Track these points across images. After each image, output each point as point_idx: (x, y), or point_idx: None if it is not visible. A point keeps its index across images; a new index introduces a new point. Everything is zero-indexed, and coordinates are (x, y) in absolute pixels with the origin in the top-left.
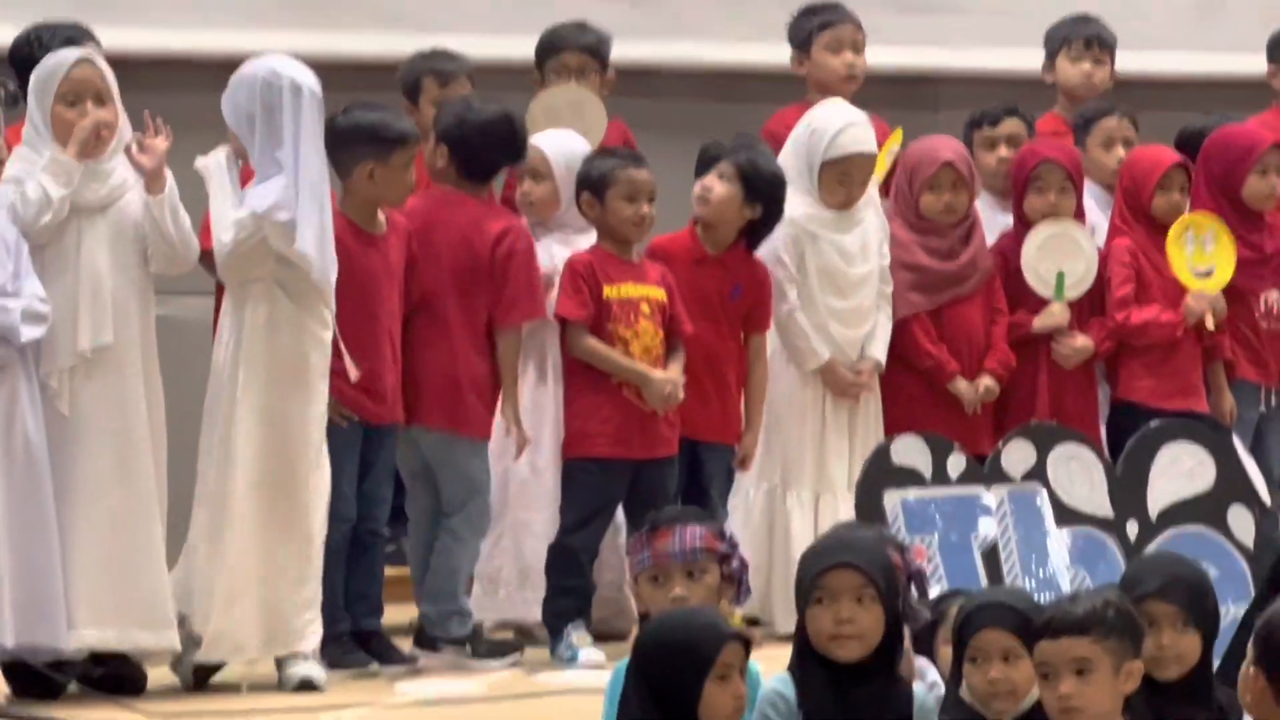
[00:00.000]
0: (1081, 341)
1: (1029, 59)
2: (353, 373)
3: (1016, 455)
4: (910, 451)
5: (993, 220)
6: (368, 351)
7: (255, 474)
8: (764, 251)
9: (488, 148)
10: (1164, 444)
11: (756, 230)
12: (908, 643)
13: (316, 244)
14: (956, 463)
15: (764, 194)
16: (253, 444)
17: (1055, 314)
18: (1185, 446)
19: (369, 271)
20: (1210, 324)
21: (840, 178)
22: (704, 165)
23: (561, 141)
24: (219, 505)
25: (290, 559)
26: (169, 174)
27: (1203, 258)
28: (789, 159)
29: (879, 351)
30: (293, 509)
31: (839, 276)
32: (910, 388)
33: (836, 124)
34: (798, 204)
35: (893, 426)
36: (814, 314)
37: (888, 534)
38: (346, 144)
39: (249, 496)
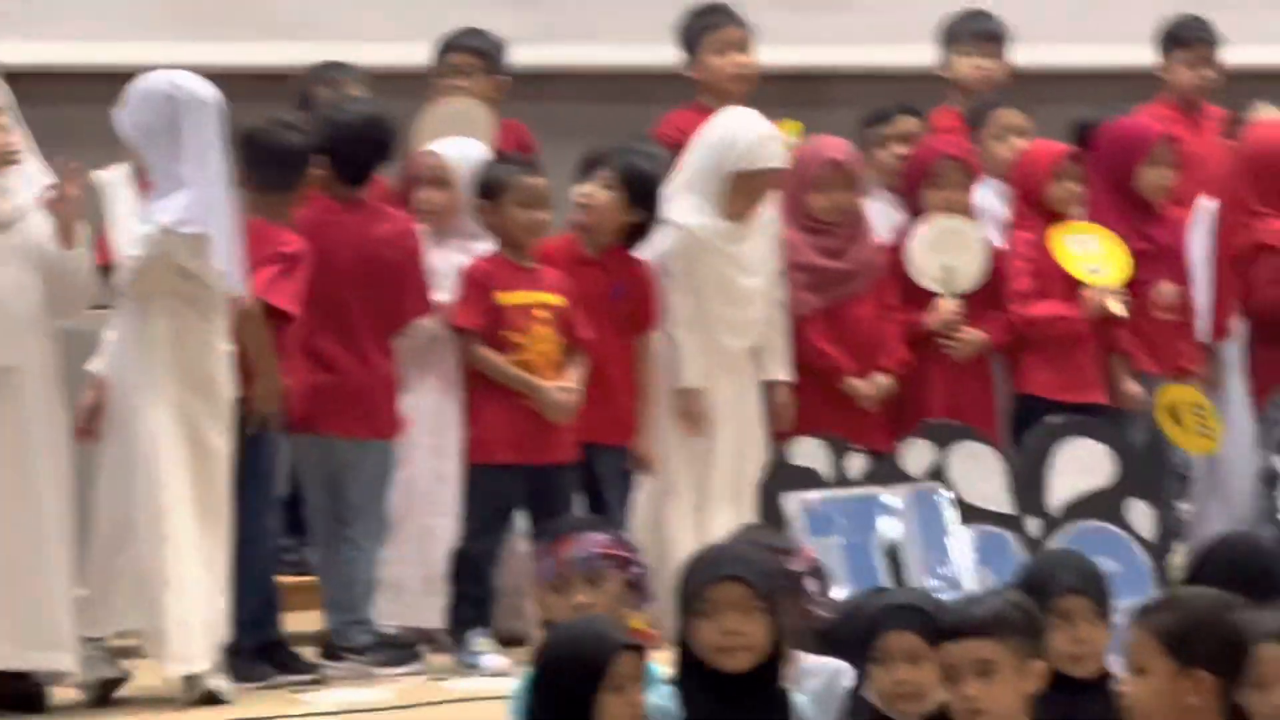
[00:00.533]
0: (973, 335)
1: (921, 54)
2: None
3: (916, 454)
4: (809, 453)
5: (889, 218)
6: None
7: (179, 489)
8: (652, 258)
9: (360, 149)
10: (1062, 440)
11: (636, 232)
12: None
13: (227, 257)
14: (856, 463)
15: (644, 198)
16: (173, 459)
17: (946, 309)
18: (1083, 442)
19: None
20: (1117, 310)
21: (750, 191)
22: (586, 169)
23: (462, 149)
24: (150, 522)
25: (213, 570)
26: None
27: (1090, 258)
28: (694, 164)
29: (781, 371)
30: (215, 522)
31: (731, 287)
32: (805, 387)
33: (752, 136)
34: (691, 211)
35: (802, 419)
36: (704, 325)
37: (774, 539)
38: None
39: (177, 510)
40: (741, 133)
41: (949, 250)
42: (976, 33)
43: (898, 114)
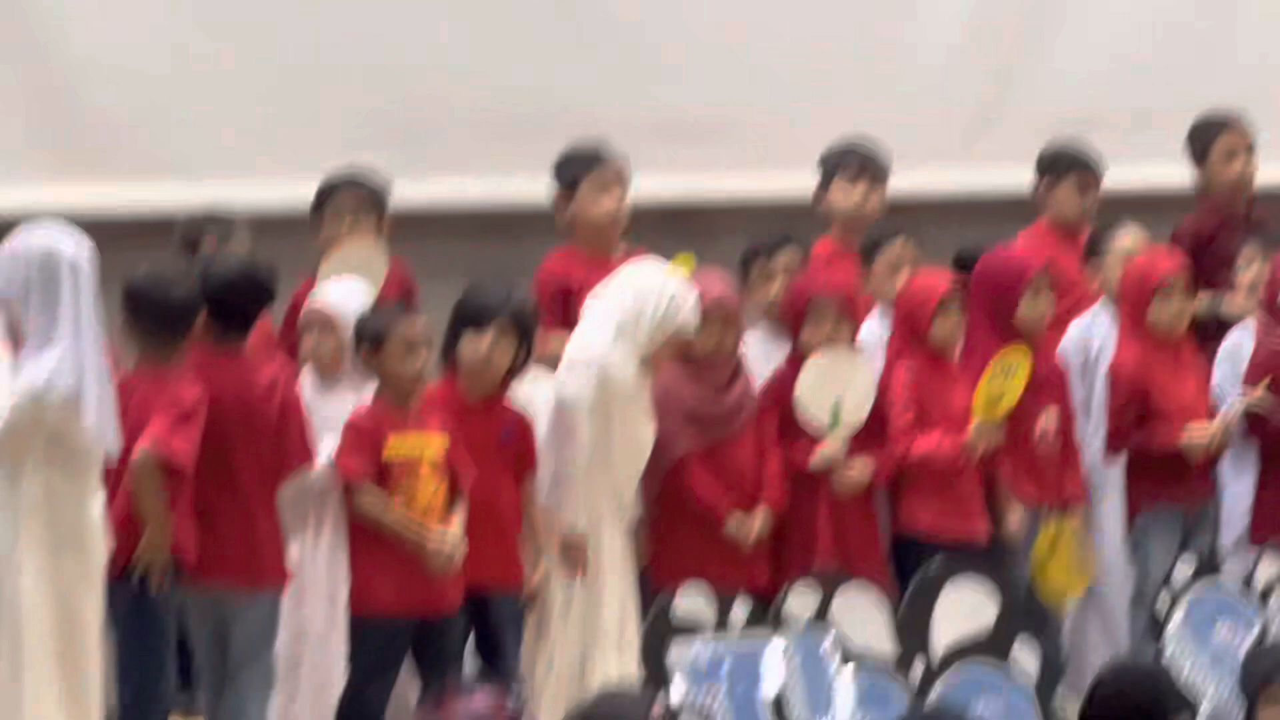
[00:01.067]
0: (859, 470)
1: (803, 184)
2: None
3: (801, 600)
4: (693, 602)
5: (772, 352)
6: None
7: (48, 649)
8: (566, 394)
9: (237, 299)
10: (947, 581)
11: (511, 373)
12: None
13: (98, 416)
14: (740, 611)
15: (528, 342)
16: (43, 621)
17: (832, 446)
18: (968, 583)
19: None
20: (979, 450)
21: (676, 350)
22: (470, 318)
23: (347, 294)
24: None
25: None
26: None
27: (1001, 386)
28: (621, 311)
29: None
30: (84, 685)
31: (637, 435)
32: (686, 527)
33: (692, 300)
34: (616, 357)
35: (670, 566)
36: (606, 469)
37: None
38: None
39: (43, 672)
40: (685, 296)
41: (833, 386)
42: (857, 163)
43: (780, 246)
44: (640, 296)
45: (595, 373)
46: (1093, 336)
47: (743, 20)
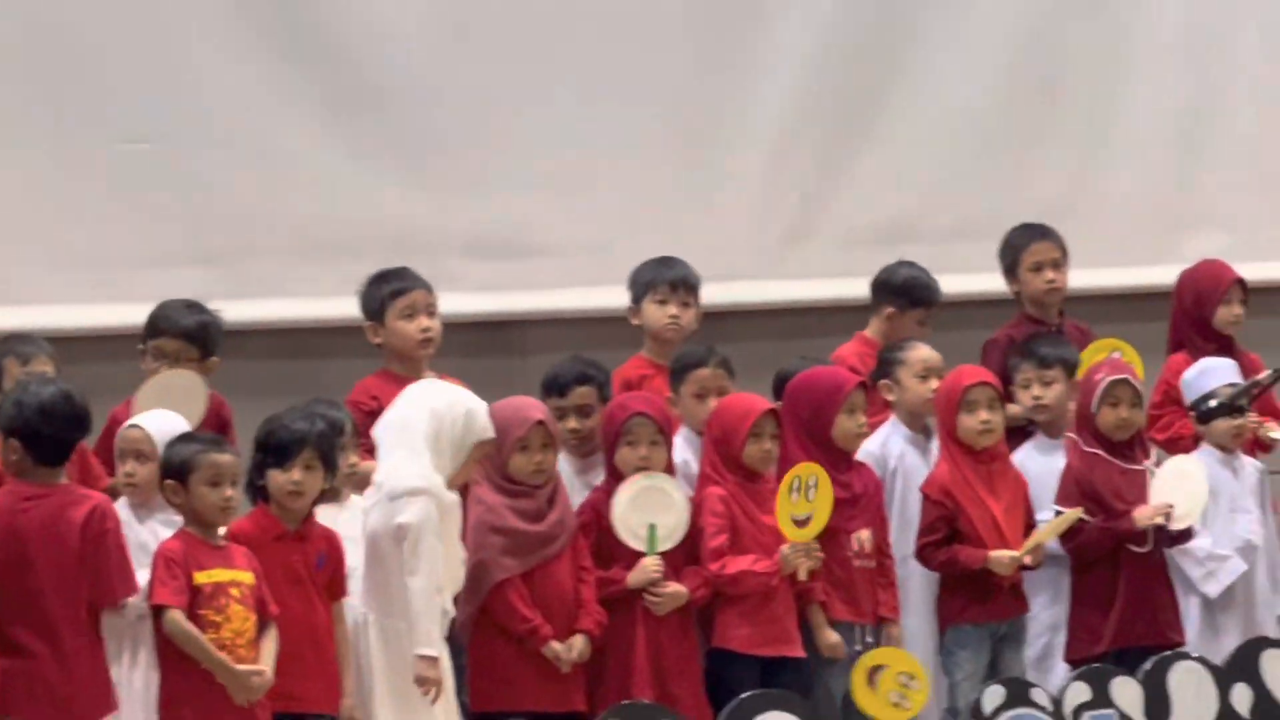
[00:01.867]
0: (673, 589)
1: (616, 298)
2: None
3: None
4: None
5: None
6: None
7: None
8: (411, 521)
9: (53, 429)
10: (757, 715)
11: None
12: None
13: None
14: None
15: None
16: None
17: (649, 567)
18: (779, 717)
19: None
20: (803, 575)
21: (477, 459)
22: (276, 452)
23: (163, 422)
24: None
25: None
26: None
27: (804, 505)
28: (419, 433)
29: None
30: None
31: (454, 554)
32: (503, 651)
33: (480, 405)
34: (433, 475)
35: (488, 691)
36: (438, 590)
37: None
38: None
39: None
40: (473, 402)
41: (651, 508)
42: (669, 281)
43: (573, 385)
44: (436, 415)
45: (422, 498)
46: (889, 452)
47: (554, 137)
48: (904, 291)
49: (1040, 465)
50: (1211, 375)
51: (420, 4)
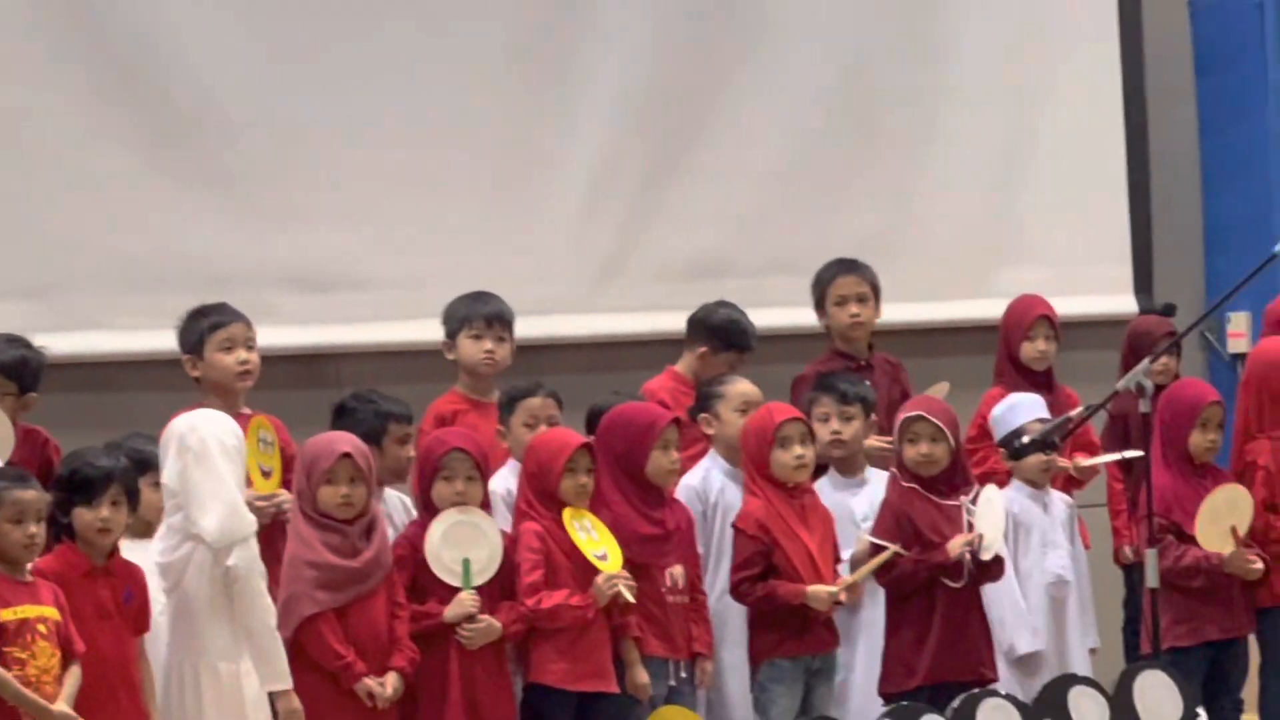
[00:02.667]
0: (486, 623)
1: (431, 332)
2: None
3: None
4: None
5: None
6: None
7: None
8: (241, 564)
9: None
10: None
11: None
12: None
13: None
14: None
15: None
16: None
17: (464, 601)
18: None
19: None
20: (630, 597)
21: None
22: (81, 490)
23: None
24: None
25: None
26: None
27: (595, 544)
28: (213, 469)
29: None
30: None
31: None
32: (316, 687)
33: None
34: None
35: None
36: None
37: None
38: None
39: None
40: (231, 426)
41: (462, 542)
42: (483, 315)
43: (392, 423)
44: (213, 450)
45: (249, 535)
46: (709, 487)
47: (371, 172)
48: (720, 333)
49: (833, 501)
50: (1018, 411)
51: (237, 38)
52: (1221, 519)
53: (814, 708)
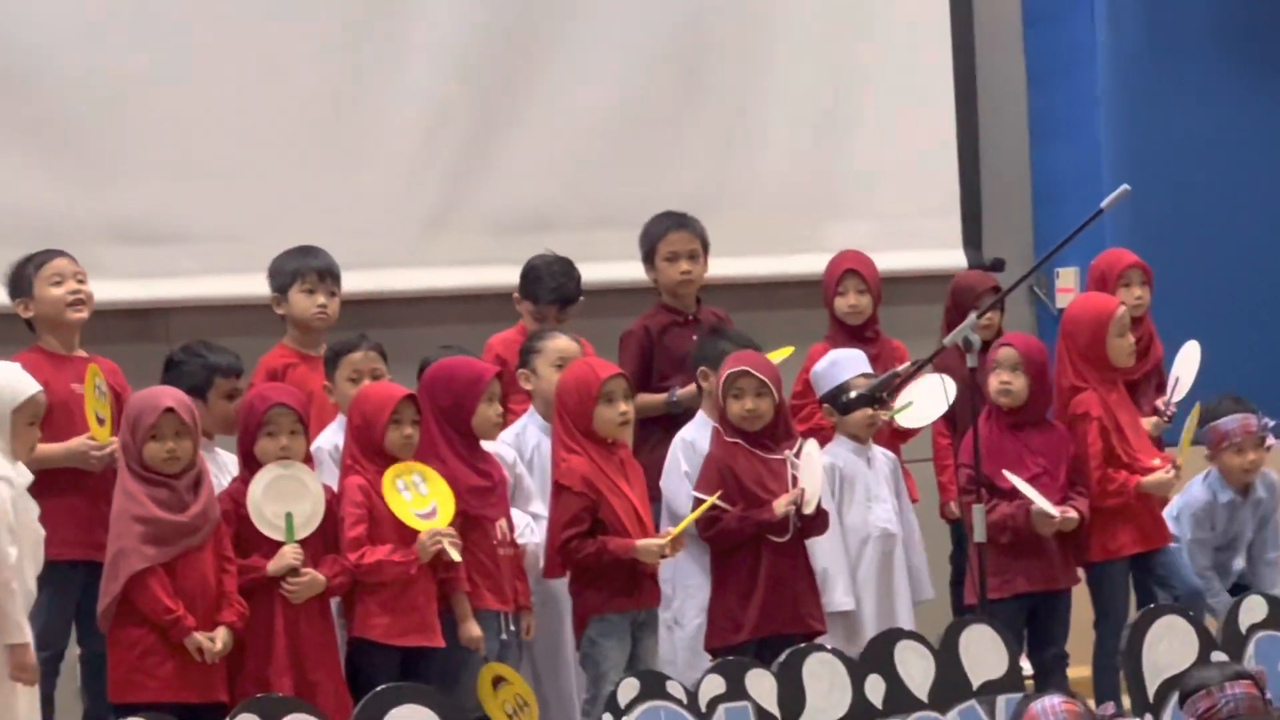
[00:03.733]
0: (309, 577)
1: (261, 286)
2: None
3: None
4: None
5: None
6: None
7: None
8: None
9: None
10: (392, 708)
11: None
12: None
13: None
14: None
15: None
16: None
17: (287, 555)
18: (413, 709)
19: None
20: (455, 555)
21: (30, 434)
22: None
23: None
24: None
25: None
26: None
27: (422, 500)
28: None
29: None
30: None
31: (37, 536)
32: (144, 640)
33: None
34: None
35: (128, 682)
36: (23, 577)
37: None
38: None
39: None
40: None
41: (285, 496)
42: (315, 269)
43: (218, 376)
44: None
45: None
46: (525, 442)
47: (198, 126)
48: (523, 284)
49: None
50: (841, 367)
51: None
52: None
53: (640, 660)
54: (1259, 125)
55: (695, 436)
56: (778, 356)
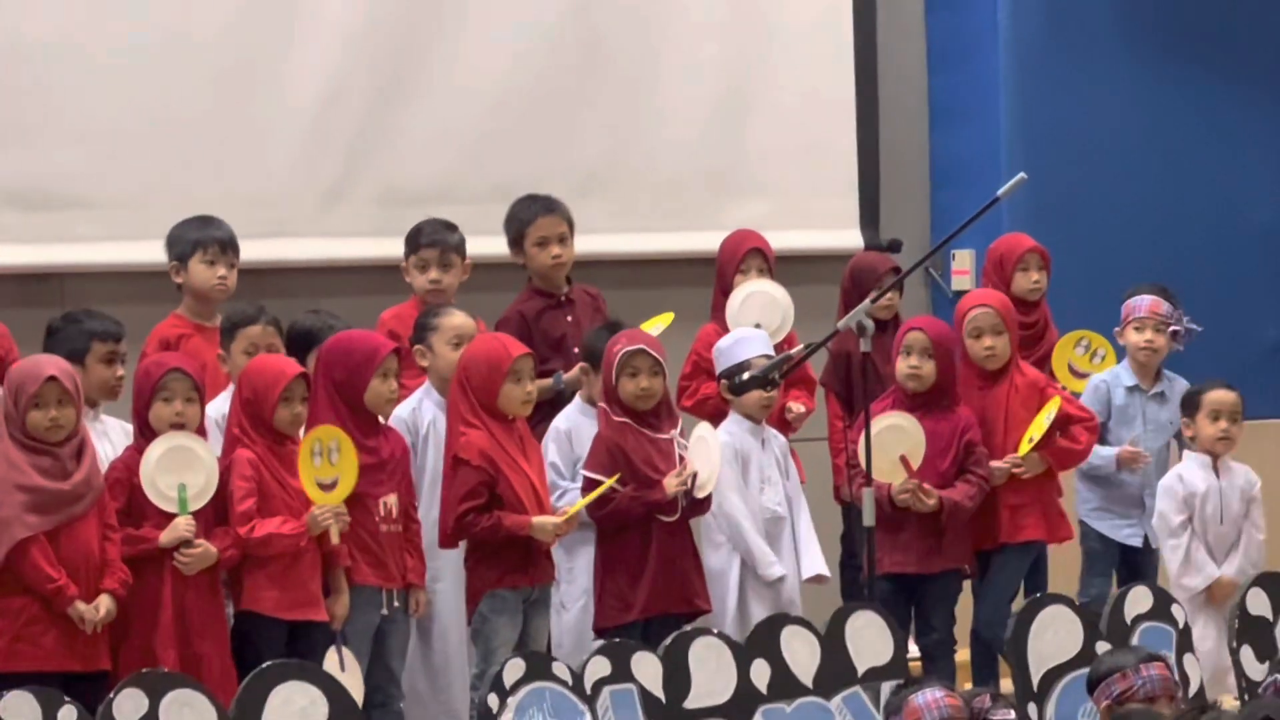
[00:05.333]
0: (202, 549)
1: (157, 254)
2: None
3: (129, 704)
4: (20, 706)
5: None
6: None
7: None
8: None
9: None
10: (277, 685)
11: None
12: None
13: None
14: (67, 715)
15: None
16: None
17: (180, 528)
18: (298, 686)
19: None
20: (335, 538)
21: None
22: None
23: None
24: None
25: None
26: None
27: (329, 469)
28: None
29: None
30: None
31: None
32: (28, 611)
33: None
34: None
35: (10, 651)
36: None
37: None
38: None
39: None
40: None
41: (178, 467)
42: (217, 240)
43: (95, 341)
44: None
45: None
46: (420, 418)
47: (96, 91)
48: (423, 235)
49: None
50: (744, 345)
51: None
52: (889, 449)
53: (530, 638)
54: (1158, 111)
55: (570, 426)
56: (656, 324)
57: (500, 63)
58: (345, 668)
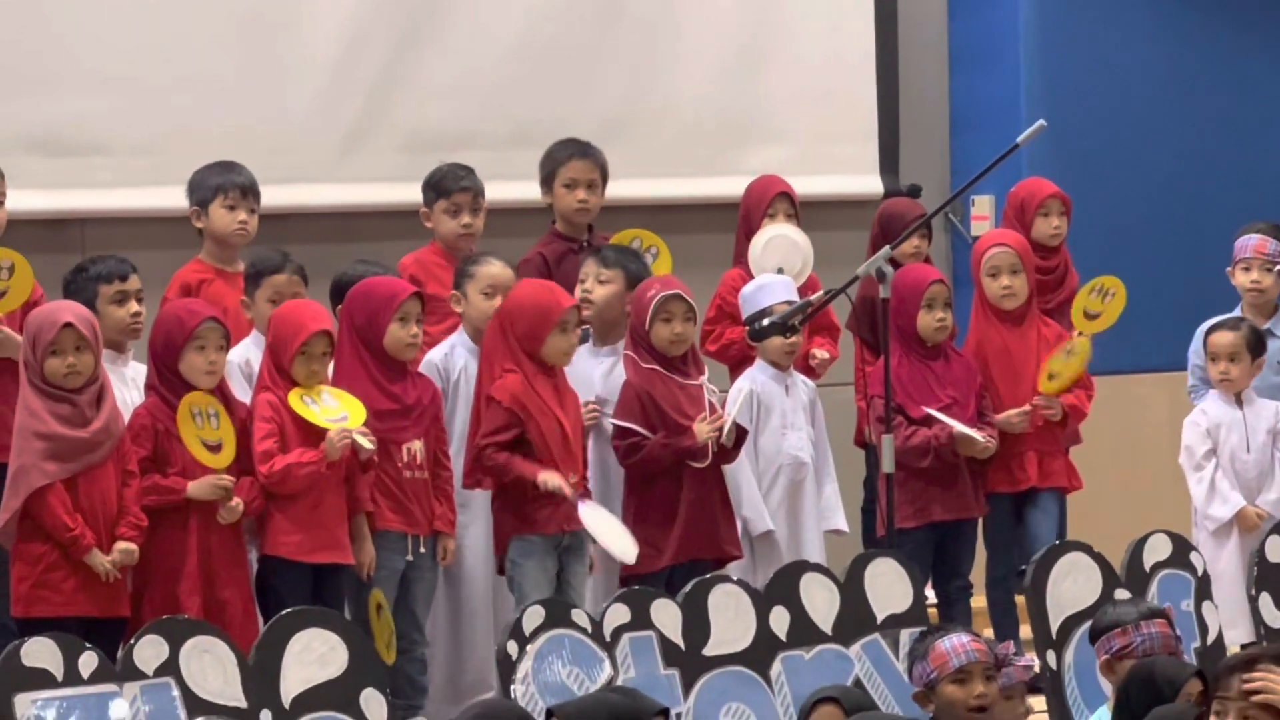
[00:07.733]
0: (237, 502)
1: (178, 199)
2: None
3: (149, 651)
4: (41, 653)
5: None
6: None
7: None
8: None
9: None
10: (297, 631)
11: None
12: None
13: None
14: (88, 661)
15: None
16: None
17: (219, 482)
18: (317, 633)
19: None
20: (366, 446)
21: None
22: None
23: None
24: None
25: None
26: None
27: (332, 410)
28: None
29: None
30: None
31: None
32: (47, 556)
33: None
34: None
35: (32, 597)
36: None
37: None
38: None
39: None
40: None
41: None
42: (238, 185)
43: (101, 284)
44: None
45: None
46: (452, 364)
47: (116, 37)
48: (431, 185)
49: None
50: (767, 292)
51: None
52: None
53: (569, 585)
54: (1179, 58)
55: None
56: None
57: (521, 8)
58: (381, 616)
